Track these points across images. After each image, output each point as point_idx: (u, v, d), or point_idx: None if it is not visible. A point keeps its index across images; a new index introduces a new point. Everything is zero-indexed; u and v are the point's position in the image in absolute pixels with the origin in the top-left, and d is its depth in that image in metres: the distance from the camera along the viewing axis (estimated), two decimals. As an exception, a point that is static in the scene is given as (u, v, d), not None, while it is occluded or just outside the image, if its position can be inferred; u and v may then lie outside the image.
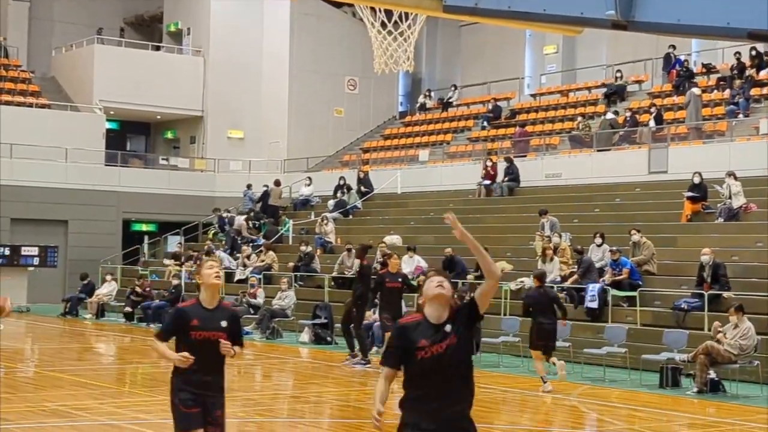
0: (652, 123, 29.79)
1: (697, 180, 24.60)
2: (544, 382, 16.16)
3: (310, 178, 37.27)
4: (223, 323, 7.55)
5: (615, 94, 34.06)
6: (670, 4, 6.48)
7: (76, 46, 42.17)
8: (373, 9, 8.90)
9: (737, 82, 30.35)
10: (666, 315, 20.19)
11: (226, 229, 35.22)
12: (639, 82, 35.17)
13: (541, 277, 17.39)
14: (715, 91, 31.16)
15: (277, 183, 36.70)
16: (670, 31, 6.79)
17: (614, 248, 21.76)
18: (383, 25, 10.50)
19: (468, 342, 6.08)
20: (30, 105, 39.00)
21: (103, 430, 11.69)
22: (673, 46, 33.27)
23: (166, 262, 34.09)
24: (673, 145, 28.38)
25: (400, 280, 18.70)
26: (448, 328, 6.02)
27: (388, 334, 18.71)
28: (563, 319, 17.51)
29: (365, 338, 19.92)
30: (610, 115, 31.35)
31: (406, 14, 9.01)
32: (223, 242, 34.28)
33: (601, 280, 21.46)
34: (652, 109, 30.39)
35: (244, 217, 34.91)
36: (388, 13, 11.21)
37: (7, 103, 38.44)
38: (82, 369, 18.26)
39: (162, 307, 28.85)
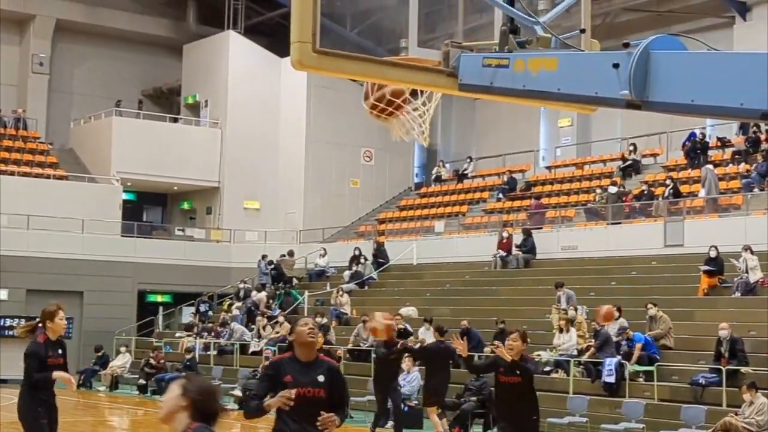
0: (668, 196, 29.77)
1: (713, 254, 24.52)
2: None
3: (324, 249, 37.32)
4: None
5: (630, 167, 34.12)
6: (684, 85, 6.52)
7: (94, 118, 42.59)
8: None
9: (753, 155, 30.39)
10: (684, 390, 20.01)
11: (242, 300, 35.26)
12: (654, 155, 35.24)
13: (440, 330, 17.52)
14: (730, 164, 31.19)
15: (291, 254, 36.75)
16: (683, 111, 6.83)
17: (624, 327, 21.65)
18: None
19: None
20: (48, 176, 39.29)
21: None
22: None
23: (179, 334, 34.04)
24: (688, 219, 28.35)
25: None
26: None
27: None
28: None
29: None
30: (612, 189, 31.60)
31: (421, 92, 9.08)
32: (239, 313, 34.28)
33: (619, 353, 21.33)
34: (668, 182, 30.41)
35: (265, 293, 34.82)
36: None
37: (25, 174, 38.75)
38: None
39: (175, 378, 28.74)
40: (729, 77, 6.26)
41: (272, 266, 36.61)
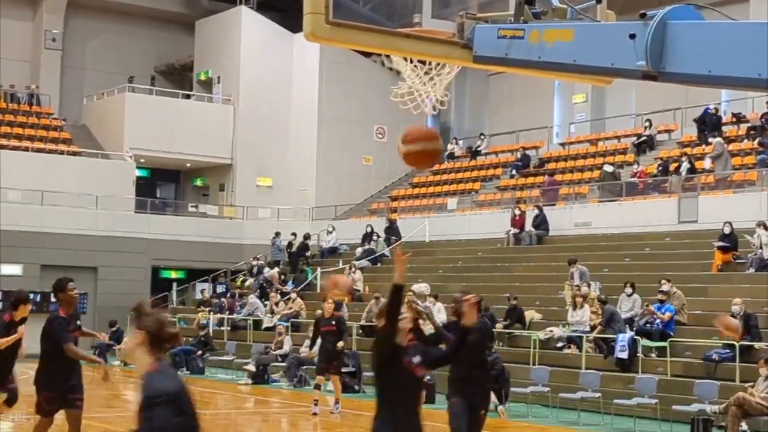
0: (683, 172, 29.65)
1: (727, 230, 24.45)
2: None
3: (333, 226, 37.35)
4: None
5: (644, 143, 34.01)
6: (701, 55, 6.48)
7: (107, 94, 42.63)
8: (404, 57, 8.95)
9: (768, 131, 30.25)
10: (697, 366, 19.98)
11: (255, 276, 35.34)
12: (668, 131, 35.09)
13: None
14: (745, 140, 31.04)
15: (307, 237, 36.80)
16: (700, 82, 6.79)
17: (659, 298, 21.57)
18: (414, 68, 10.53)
19: None
20: (61, 152, 39.38)
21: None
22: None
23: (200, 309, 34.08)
24: (703, 195, 28.24)
25: (334, 323, 19.33)
26: None
27: (319, 378, 19.01)
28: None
29: None
30: (608, 168, 31.52)
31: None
32: (253, 288, 34.39)
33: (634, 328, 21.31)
34: (683, 159, 30.29)
35: (277, 270, 34.92)
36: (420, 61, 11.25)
37: (39, 150, 38.86)
38: (111, 416, 18.25)
39: (189, 351, 28.90)
40: (747, 47, 6.21)
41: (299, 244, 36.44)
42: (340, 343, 20.05)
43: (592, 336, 22.09)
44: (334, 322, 19.20)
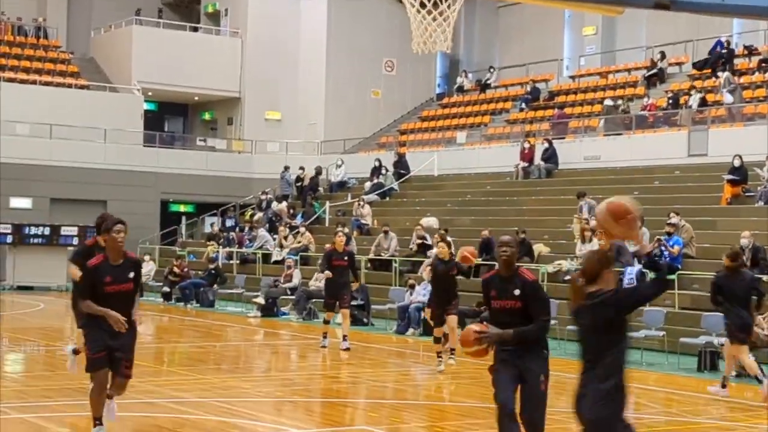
0: (693, 104, 29.48)
1: (737, 163, 24.38)
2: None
3: (342, 160, 37.29)
4: None
5: (655, 76, 33.78)
6: (714, -17, 6.39)
7: (114, 26, 42.37)
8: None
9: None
10: (704, 298, 19.99)
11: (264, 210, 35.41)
12: (679, 64, 34.83)
13: (734, 257, 14.56)
14: (756, 73, 30.81)
15: (318, 172, 36.76)
16: (713, 11, 6.71)
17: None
18: (422, 5, 10.45)
19: None
20: (69, 86, 39.28)
21: (142, 407, 11.78)
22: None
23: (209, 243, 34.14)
24: (713, 128, 28.12)
25: (346, 258, 19.05)
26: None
27: (329, 314, 18.81)
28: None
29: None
30: (608, 102, 31.35)
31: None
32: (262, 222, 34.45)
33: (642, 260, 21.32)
34: (693, 92, 30.10)
35: (285, 204, 34.96)
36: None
37: (47, 83, 38.77)
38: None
39: (199, 284, 29.06)
40: (760, -25, 6.13)
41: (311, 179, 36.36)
42: (356, 284, 20.28)
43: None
44: (346, 258, 19.08)
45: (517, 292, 8.18)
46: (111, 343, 9.29)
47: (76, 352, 11.16)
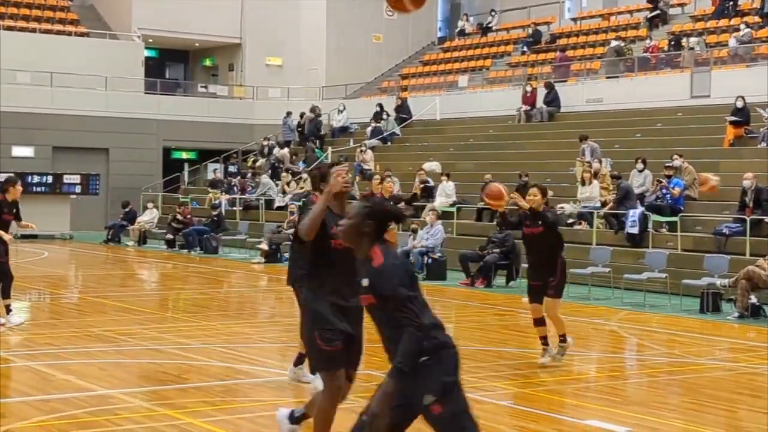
0: (696, 47, 29.32)
1: (740, 104, 24.30)
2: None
3: (343, 105, 37.18)
4: None
5: (657, 17, 33.57)
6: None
7: (113, -28, 42.04)
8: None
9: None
10: (707, 240, 20.08)
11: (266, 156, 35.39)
12: (681, 5, 34.60)
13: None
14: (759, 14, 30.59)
15: (313, 110, 36.65)
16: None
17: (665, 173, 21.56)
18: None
19: None
20: (69, 33, 39.07)
21: (147, 354, 11.86)
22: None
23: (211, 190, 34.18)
24: (715, 69, 27.99)
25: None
26: None
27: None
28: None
29: None
30: (614, 43, 31.18)
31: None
32: (264, 168, 34.46)
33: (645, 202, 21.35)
34: (695, 33, 29.93)
35: (287, 150, 34.92)
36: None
37: (47, 31, 38.54)
38: (126, 295, 18.49)
39: (202, 231, 29.13)
40: None
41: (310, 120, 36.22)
42: None
43: (602, 212, 22.15)
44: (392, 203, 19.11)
45: None
46: None
47: None
